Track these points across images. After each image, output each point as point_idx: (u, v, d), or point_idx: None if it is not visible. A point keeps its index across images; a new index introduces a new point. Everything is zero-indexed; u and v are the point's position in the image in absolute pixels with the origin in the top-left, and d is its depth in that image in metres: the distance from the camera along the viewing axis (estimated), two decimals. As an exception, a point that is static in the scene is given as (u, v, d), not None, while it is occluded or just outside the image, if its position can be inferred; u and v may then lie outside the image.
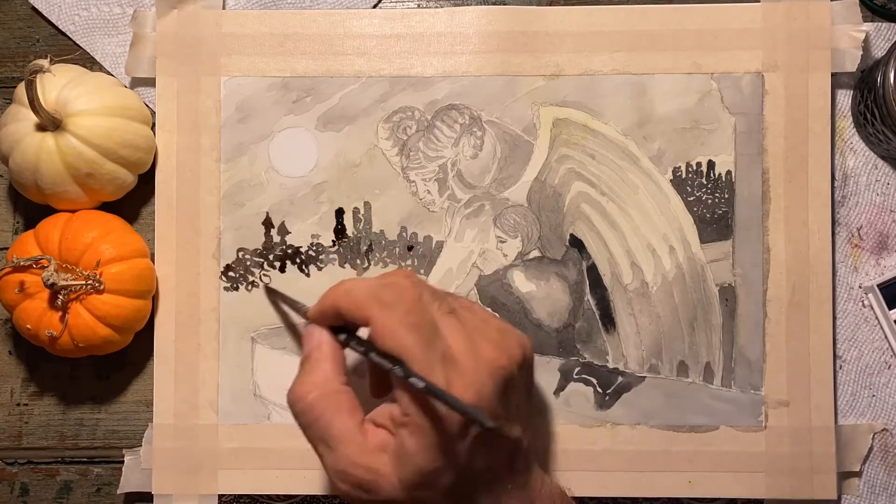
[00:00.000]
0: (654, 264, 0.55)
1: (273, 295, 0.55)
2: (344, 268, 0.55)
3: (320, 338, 0.44)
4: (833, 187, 0.55)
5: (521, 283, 0.55)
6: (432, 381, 0.38)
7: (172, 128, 0.55)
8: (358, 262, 0.55)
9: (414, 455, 0.39)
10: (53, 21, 0.57)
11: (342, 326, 0.44)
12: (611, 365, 0.54)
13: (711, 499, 0.54)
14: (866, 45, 0.55)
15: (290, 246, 0.55)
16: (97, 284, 0.50)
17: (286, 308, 0.54)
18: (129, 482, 0.55)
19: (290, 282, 0.55)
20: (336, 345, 0.44)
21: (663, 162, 0.55)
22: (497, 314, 0.44)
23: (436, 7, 0.57)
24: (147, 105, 0.56)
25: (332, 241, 0.55)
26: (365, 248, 0.55)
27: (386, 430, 0.41)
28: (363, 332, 0.43)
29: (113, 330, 0.51)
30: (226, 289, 0.55)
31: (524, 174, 0.55)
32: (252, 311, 0.55)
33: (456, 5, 0.57)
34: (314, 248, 0.55)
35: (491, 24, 0.55)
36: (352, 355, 0.44)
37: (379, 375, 0.47)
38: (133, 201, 0.56)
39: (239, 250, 0.55)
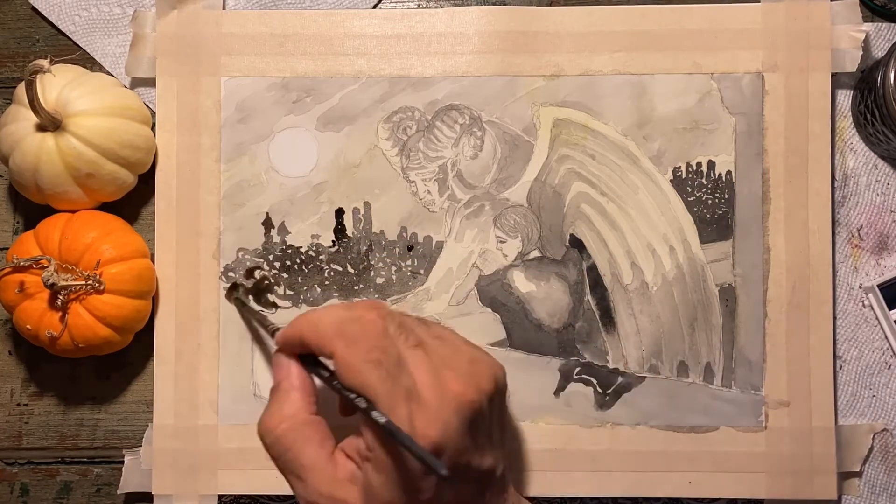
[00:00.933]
0: (654, 264, 0.55)
1: (239, 304, 0.54)
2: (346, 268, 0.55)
3: (289, 367, 0.43)
4: (833, 187, 0.55)
5: (521, 283, 0.55)
6: (393, 419, 0.38)
7: (172, 128, 0.55)
8: (358, 262, 0.55)
9: (379, 491, 0.39)
10: (53, 21, 0.57)
11: (309, 354, 0.43)
12: (611, 365, 0.54)
13: (712, 499, 0.54)
14: (866, 45, 0.55)
15: (290, 246, 0.55)
16: (97, 285, 0.50)
17: (252, 320, 0.54)
18: (129, 482, 0.55)
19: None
20: (305, 374, 0.43)
21: (663, 162, 0.55)
22: (471, 341, 0.44)
23: (436, 7, 0.57)
24: (147, 105, 0.56)
25: (332, 241, 0.55)
26: (365, 248, 0.55)
27: (354, 463, 0.41)
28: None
29: (113, 330, 0.51)
30: (226, 289, 0.55)
31: (524, 174, 0.55)
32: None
33: (456, 5, 0.57)
34: (314, 248, 0.55)
35: (491, 24, 0.55)
36: None
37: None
38: (133, 201, 0.56)
39: (239, 250, 0.55)
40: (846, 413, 0.55)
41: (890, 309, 0.54)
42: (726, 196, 0.55)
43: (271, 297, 0.54)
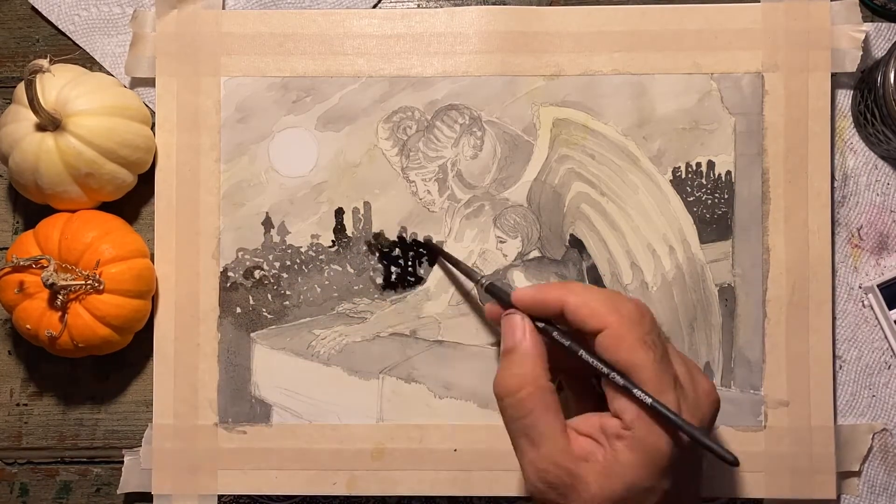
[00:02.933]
0: (653, 264, 0.55)
1: (438, 252, 0.54)
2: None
3: (525, 329, 0.43)
4: (833, 187, 0.55)
5: (521, 283, 0.55)
6: (663, 402, 0.39)
7: (172, 128, 0.55)
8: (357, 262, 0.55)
9: (628, 469, 0.39)
10: (53, 21, 0.57)
11: (544, 318, 0.43)
12: (611, 365, 0.54)
13: (711, 499, 0.54)
14: (866, 45, 0.55)
15: (290, 246, 0.55)
16: (97, 284, 0.50)
17: (451, 267, 0.54)
18: (128, 482, 0.55)
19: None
20: (541, 338, 0.43)
21: (663, 162, 0.55)
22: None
23: (436, 7, 0.57)
24: (147, 105, 0.55)
25: (332, 241, 0.55)
26: (364, 248, 0.55)
27: (591, 440, 0.41)
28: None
29: (112, 330, 0.51)
30: (225, 289, 0.55)
31: (524, 174, 0.55)
32: (252, 312, 0.55)
33: (456, 5, 0.57)
34: (314, 248, 0.55)
35: (491, 24, 0.55)
36: None
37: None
38: (133, 201, 0.56)
39: (238, 250, 0.55)
40: (846, 413, 0.55)
41: (890, 309, 0.54)
42: (726, 196, 0.55)
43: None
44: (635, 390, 0.39)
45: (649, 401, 0.39)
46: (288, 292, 0.55)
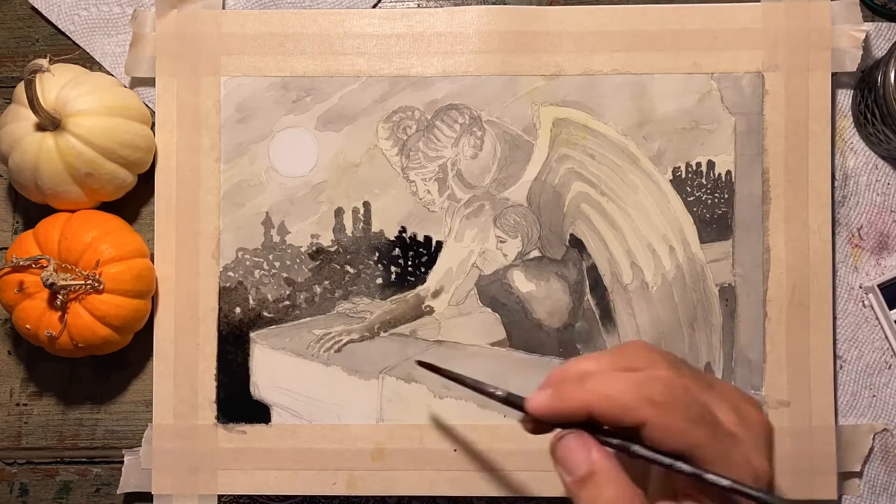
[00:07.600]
0: (654, 264, 0.55)
1: (435, 370, 0.49)
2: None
3: (591, 452, 0.37)
4: (833, 187, 0.55)
5: (521, 283, 0.55)
6: (732, 472, 0.35)
7: (172, 128, 0.55)
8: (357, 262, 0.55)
9: None
10: (53, 21, 0.57)
11: (589, 424, 0.37)
12: (611, 365, 0.54)
13: (712, 499, 0.54)
14: (866, 44, 0.55)
15: (290, 246, 0.55)
16: (96, 284, 0.50)
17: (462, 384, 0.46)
18: (128, 482, 0.55)
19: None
20: (610, 453, 0.37)
21: (663, 162, 0.55)
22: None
23: (436, 7, 0.57)
24: (147, 105, 0.55)
25: (332, 240, 0.55)
26: (365, 247, 0.55)
27: None
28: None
29: (112, 330, 0.51)
30: (225, 289, 0.55)
31: (524, 174, 0.55)
32: (252, 312, 0.55)
33: (456, 5, 0.57)
34: (314, 247, 0.55)
35: (491, 24, 0.55)
36: None
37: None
38: (133, 201, 0.56)
39: (238, 250, 0.55)
40: (846, 413, 0.55)
41: (890, 309, 0.54)
42: (726, 196, 0.55)
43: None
44: (708, 475, 0.35)
45: (727, 483, 0.35)
46: (288, 292, 0.55)
